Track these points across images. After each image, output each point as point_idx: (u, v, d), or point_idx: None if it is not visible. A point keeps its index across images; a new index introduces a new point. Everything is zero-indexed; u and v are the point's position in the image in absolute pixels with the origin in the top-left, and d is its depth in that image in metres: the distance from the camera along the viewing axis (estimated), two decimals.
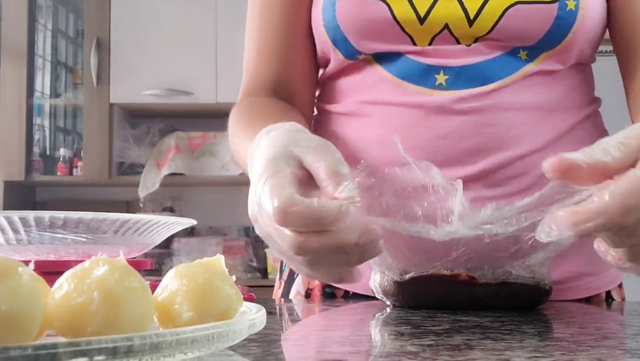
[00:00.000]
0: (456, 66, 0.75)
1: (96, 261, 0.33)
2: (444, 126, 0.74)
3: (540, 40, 0.74)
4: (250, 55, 0.89)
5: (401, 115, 0.76)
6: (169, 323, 0.37)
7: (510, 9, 0.74)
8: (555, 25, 0.74)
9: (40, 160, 2.83)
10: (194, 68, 2.76)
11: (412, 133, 0.75)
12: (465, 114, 0.74)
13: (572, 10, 0.74)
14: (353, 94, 0.81)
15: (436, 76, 0.75)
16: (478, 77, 0.75)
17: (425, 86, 0.76)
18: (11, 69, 2.76)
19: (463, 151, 0.74)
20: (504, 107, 0.74)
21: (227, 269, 0.40)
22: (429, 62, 0.76)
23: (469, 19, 0.75)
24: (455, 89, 0.75)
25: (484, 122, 0.74)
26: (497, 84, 0.75)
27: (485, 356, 0.40)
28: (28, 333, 0.30)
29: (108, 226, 0.56)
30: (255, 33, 0.87)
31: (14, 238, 0.54)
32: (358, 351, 0.45)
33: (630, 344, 0.46)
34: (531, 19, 0.74)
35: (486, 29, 0.74)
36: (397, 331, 0.52)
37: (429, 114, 0.75)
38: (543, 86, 0.76)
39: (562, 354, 0.42)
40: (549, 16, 0.73)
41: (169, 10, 2.78)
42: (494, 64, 0.75)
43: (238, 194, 3.03)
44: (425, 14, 0.75)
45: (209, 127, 2.86)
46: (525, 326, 0.54)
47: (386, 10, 0.75)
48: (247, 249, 2.82)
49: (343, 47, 0.78)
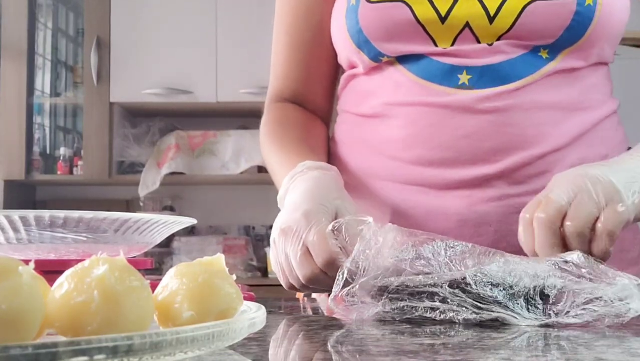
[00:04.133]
0: (479, 66, 0.76)
1: (96, 260, 0.33)
2: (468, 125, 0.76)
3: (560, 36, 0.75)
4: (277, 64, 0.93)
5: (426, 115, 0.77)
6: (169, 322, 0.37)
7: (529, 6, 0.75)
8: (575, 21, 0.74)
9: (41, 159, 2.83)
10: (194, 67, 2.76)
11: (436, 133, 0.77)
12: (488, 113, 0.75)
13: (590, 5, 0.74)
14: (378, 97, 0.82)
15: (459, 75, 0.77)
16: (501, 76, 0.76)
17: (449, 85, 0.77)
18: (11, 68, 2.76)
19: (487, 149, 0.75)
20: (527, 106, 0.75)
21: (227, 268, 0.40)
22: (452, 62, 0.77)
23: (489, 16, 0.76)
24: (479, 88, 0.76)
25: (507, 121, 0.75)
26: (519, 83, 0.76)
27: (485, 356, 0.40)
28: (28, 332, 0.30)
29: (108, 225, 0.56)
30: (283, 43, 0.92)
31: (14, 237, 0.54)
32: (358, 351, 0.45)
33: (630, 344, 0.46)
34: (550, 15, 0.75)
35: (506, 26, 0.75)
36: (397, 330, 0.53)
37: (453, 114, 0.76)
38: (564, 85, 0.77)
39: (562, 354, 0.42)
40: (567, 12, 0.74)
41: (169, 10, 2.78)
42: (516, 64, 0.76)
43: (238, 193, 3.04)
44: (446, 13, 0.77)
45: (209, 126, 2.86)
46: (525, 326, 0.54)
47: (408, 12, 0.77)
48: (247, 248, 2.82)
49: (367, 50, 0.80)
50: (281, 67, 0.93)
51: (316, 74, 0.92)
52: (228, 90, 2.75)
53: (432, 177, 0.77)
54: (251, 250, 2.83)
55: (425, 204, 0.78)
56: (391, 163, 0.80)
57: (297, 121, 0.90)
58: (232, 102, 2.77)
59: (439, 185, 0.77)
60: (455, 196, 0.76)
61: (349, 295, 0.58)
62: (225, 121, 2.96)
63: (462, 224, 0.76)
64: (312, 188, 0.71)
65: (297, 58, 0.91)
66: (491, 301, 0.55)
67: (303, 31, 0.90)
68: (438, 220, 0.77)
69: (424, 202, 0.78)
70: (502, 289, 0.55)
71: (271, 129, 0.90)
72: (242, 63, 2.75)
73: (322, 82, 0.92)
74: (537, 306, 0.55)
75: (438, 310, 0.56)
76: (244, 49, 2.76)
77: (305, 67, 0.91)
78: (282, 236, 0.66)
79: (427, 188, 0.78)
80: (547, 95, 0.76)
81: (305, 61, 0.91)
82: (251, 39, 2.76)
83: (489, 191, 0.76)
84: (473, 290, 0.55)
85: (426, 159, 0.77)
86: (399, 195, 0.80)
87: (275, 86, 0.94)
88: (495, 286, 0.55)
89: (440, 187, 0.77)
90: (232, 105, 2.81)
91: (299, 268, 0.64)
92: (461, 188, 0.76)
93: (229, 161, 2.75)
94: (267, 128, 0.91)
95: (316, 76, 0.92)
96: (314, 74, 0.91)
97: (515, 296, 0.55)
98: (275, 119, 0.91)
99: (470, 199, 0.76)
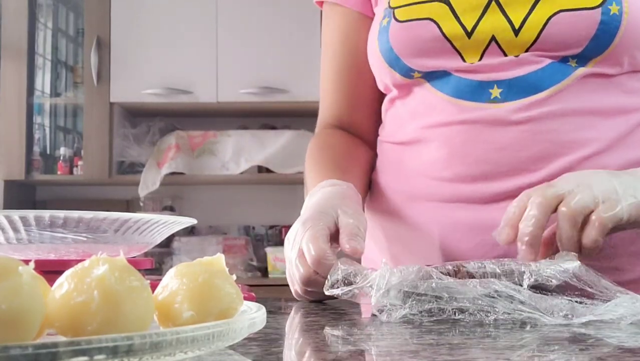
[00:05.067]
0: (507, 79, 0.77)
1: (96, 260, 0.33)
2: (503, 137, 0.76)
3: (586, 46, 0.75)
4: (324, 91, 0.97)
5: (461, 133, 0.78)
6: (169, 322, 0.37)
7: (554, 17, 0.75)
8: (600, 30, 0.74)
9: (41, 159, 2.83)
10: (194, 67, 2.76)
11: (472, 149, 0.78)
12: (522, 124, 0.76)
13: (616, 14, 0.74)
14: (411, 122, 0.84)
15: (490, 90, 0.77)
16: (530, 86, 0.76)
17: (481, 101, 0.78)
18: (11, 68, 2.76)
19: (525, 159, 0.76)
20: (560, 113, 0.76)
21: (227, 268, 0.40)
22: (481, 78, 0.78)
23: (514, 29, 0.76)
24: (511, 100, 0.76)
25: (541, 129, 0.75)
26: (550, 90, 0.76)
27: (485, 356, 0.40)
28: (28, 332, 0.30)
29: (108, 225, 0.56)
30: (328, 71, 0.95)
31: (14, 237, 0.54)
32: (359, 351, 0.45)
33: (630, 344, 0.46)
34: (575, 26, 0.75)
35: (532, 38, 0.76)
36: (397, 330, 0.53)
37: (487, 128, 0.77)
38: (598, 90, 0.77)
39: (562, 354, 0.42)
40: (593, 22, 0.74)
41: (169, 10, 2.78)
42: (544, 73, 0.76)
43: (238, 194, 3.04)
44: (472, 28, 0.78)
45: (209, 126, 2.86)
46: (525, 325, 0.54)
47: (435, 28, 0.79)
48: (248, 248, 2.82)
49: (398, 67, 0.82)
50: (328, 95, 0.95)
51: (361, 100, 0.93)
52: (228, 90, 2.75)
53: (474, 193, 0.78)
54: (251, 250, 2.83)
55: (470, 219, 0.78)
56: (432, 183, 0.81)
57: (338, 145, 0.92)
58: (232, 102, 2.78)
59: (482, 199, 0.78)
60: (501, 208, 0.75)
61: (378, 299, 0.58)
62: (225, 121, 2.96)
63: None
64: (317, 201, 0.75)
65: (342, 85, 0.93)
66: (521, 301, 0.55)
67: (346, 58, 0.92)
68: (484, 234, 0.77)
69: (468, 218, 0.78)
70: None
71: (311, 154, 0.92)
72: (242, 63, 2.75)
73: (368, 108, 0.93)
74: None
75: (467, 311, 0.56)
76: (244, 49, 2.76)
77: (351, 94, 0.93)
78: (287, 245, 0.70)
79: (470, 203, 0.78)
80: (581, 100, 0.76)
81: (350, 87, 0.93)
82: (251, 39, 2.76)
83: None
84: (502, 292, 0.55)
85: (466, 175, 0.78)
86: (443, 213, 0.80)
87: (323, 113, 0.96)
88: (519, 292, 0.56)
89: (484, 201, 0.78)
90: (232, 105, 2.81)
91: (296, 270, 0.67)
92: (506, 199, 0.75)
93: (229, 161, 2.75)
94: (309, 153, 0.93)
95: (361, 101, 0.93)
96: (359, 100, 0.93)
97: None
98: (318, 144, 0.93)
99: None
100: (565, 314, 0.54)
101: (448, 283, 0.57)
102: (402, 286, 0.58)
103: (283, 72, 2.74)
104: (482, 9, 0.78)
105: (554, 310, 0.55)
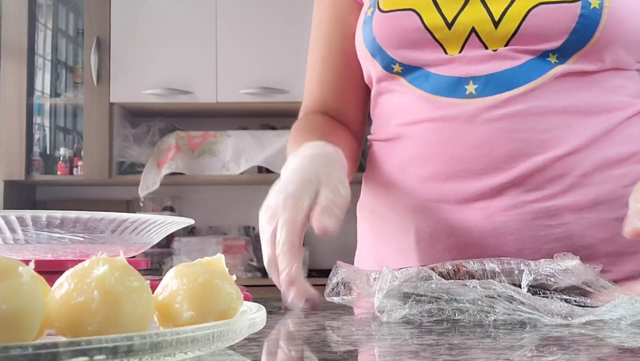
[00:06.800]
0: (484, 75, 0.77)
1: (96, 261, 0.33)
2: (477, 135, 0.76)
3: (566, 40, 0.75)
4: (311, 77, 0.95)
5: (437, 130, 0.78)
6: (169, 322, 0.37)
7: (533, 10, 0.75)
8: (580, 24, 0.74)
9: (41, 159, 2.83)
10: (194, 67, 2.76)
11: (448, 146, 0.77)
12: (496, 121, 0.75)
13: (596, 8, 0.74)
14: (392, 119, 0.84)
15: (466, 86, 0.77)
16: (506, 82, 0.76)
17: (457, 96, 0.78)
18: (11, 69, 2.76)
19: (497, 158, 0.75)
20: (536, 111, 0.75)
21: (227, 268, 0.40)
22: (458, 73, 0.78)
23: (494, 21, 0.77)
24: (485, 95, 0.76)
25: (516, 127, 0.75)
26: (525, 87, 0.75)
27: (485, 356, 0.40)
28: (28, 332, 0.30)
29: (105, 225, 0.56)
30: (318, 65, 0.94)
31: (11, 238, 0.54)
32: (358, 351, 0.45)
33: (630, 344, 0.46)
34: (555, 18, 0.75)
35: (511, 30, 0.76)
36: (397, 330, 0.53)
37: (462, 126, 0.77)
38: (577, 88, 0.76)
39: (562, 354, 0.42)
40: (572, 15, 0.74)
41: (169, 10, 2.78)
42: (521, 69, 0.76)
43: (238, 194, 3.04)
44: (452, 19, 0.78)
45: (209, 126, 2.86)
46: (525, 325, 0.54)
47: (417, 19, 0.79)
48: (248, 249, 2.82)
49: (380, 58, 0.82)
50: (315, 79, 0.94)
51: (349, 87, 0.92)
52: (228, 90, 2.75)
53: (450, 192, 0.77)
54: (251, 250, 2.83)
55: (446, 219, 0.78)
56: (411, 182, 0.81)
57: (322, 123, 0.90)
58: (232, 102, 2.77)
59: (457, 199, 0.77)
60: (474, 208, 0.76)
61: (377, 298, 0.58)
62: (225, 121, 2.96)
63: (482, 236, 0.76)
64: (301, 167, 0.70)
65: (330, 69, 0.92)
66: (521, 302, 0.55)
67: (336, 42, 0.91)
68: (460, 234, 0.77)
69: (444, 218, 0.78)
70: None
71: (293, 133, 0.90)
72: (242, 63, 2.75)
73: (355, 96, 0.93)
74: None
75: (467, 311, 0.56)
76: (244, 49, 2.76)
77: (338, 81, 0.92)
78: (263, 215, 0.68)
79: (446, 203, 0.78)
80: (559, 99, 0.75)
81: (338, 74, 0.92)
82: (251, 39, 2.76)
83: (505, 200, 0.75)
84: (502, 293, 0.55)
85: (442, 173, 0.78)
86: (421, 213, 0.80)
87: (308, 99, 0.95)
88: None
89: (459, 201, 0.77)
90: (232, 105, 2.81)
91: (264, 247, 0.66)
92: (478, 200, 0.76)
93: (229, 161, 2.75)
94: (291, 132, 0.91)
95: (349, 90, 0.92)
96: (347, 85, 0.92)
97: None
98: (300, 126, 0.91)
99: (488, 210, 0.76)
100: (564, 315, 0.54)
101: (448, 284, 0.57)
102: (402, 287, 0.58)
103: (283, 72, 2.74)
104: (464, 1, 0.78)
105: (554, 310, 0.55)
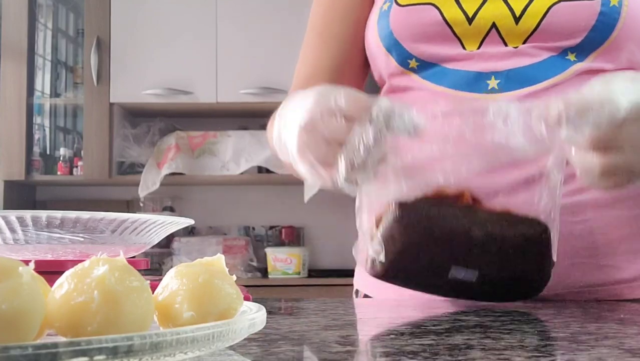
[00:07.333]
0: (506, 70, 0.77)
1: (96, 261, 0.33)
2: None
3: (586, 37, 0.75)
4: (307, 51, 0.92)
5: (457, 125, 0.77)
6: (169, 322, 0.37)
7: (554, 7, 0.76)
8: (600, 22, 0.75)
9: (41, 159, 2.83)
10: (194, 67, 2.76)
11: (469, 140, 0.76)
12: None
13: (615, 6, 0.75)
14: None
15: (487, 81, 0.77)
16: (528, 78, 0.76)
17: (479, 91, 0.77)
18: (11, 69, 2.76)
19: None
20: None
21: (227, 268, 0.40)
22: (478, 68, 0.77)
23: (514, 17, 0.77)
24: (508, 90, 0.76)
25: None
26: (547, 82, 0.76)
27: (486, 356, 0.40)
28: (28, 332, 0.30)
29: (105, 225, 0.56)
30: (316, 33, 0.91)
31: (11, 238, 0.54)
32: (358, 351, 0.45)
33: (630, 343, 0.46)
34: (575, 15, 0.75)
35: (532, 27, 0.76)
36: (397, 331, 0.53)
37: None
38: None
39: (562, 354, 0.42)
40: (592, 12, 0.75)
41: (168, 10, 2.78)
42: (542, 66, 0.76)
43: (238, 194, 3.04)
44: (473, 14, 0.78)
45: (209, 126, 2.86)
46: (525, 325, 0.54)
47: (437, 13, 0.78)
48: (248, 249, 2.82)
49: (396, 52, 0.81)
50: (311, 55, 0.91)
51: (345, 69, 0.90)
52: (228, 90, 2.75)
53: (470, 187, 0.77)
54: (251, 251, 2.83)
55: None
56: None
57: None
58: (232, 102, 2.77)
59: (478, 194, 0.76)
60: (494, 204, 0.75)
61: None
62: (225, 121, 2.96)
63: None
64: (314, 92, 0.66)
65: (328, 49, 0.90)
66: None
67: (338, 24, 0.89)
68: None
69: None
70: None
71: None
72: (242, 63, 2.75)
73: (351, 79, 0.90)
74: None
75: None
76: (244, 49, 2.76)
77: (335, 60, 0.90)
78: (281, 118, 0.65)
79: None
80: None
81: (336, 53, 0.90)
82: (251, 39, 2.76)
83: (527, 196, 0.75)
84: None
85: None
86: None
87: (301, 73, 0.92)
88: None
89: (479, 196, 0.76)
90: (232, 105, 2.81)
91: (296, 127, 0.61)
92: (499, 195, 0.74)
93: (229, 161, 2.75)
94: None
95: (345, 70, 0.90)
96: (343, 68, 0.90)
97: None
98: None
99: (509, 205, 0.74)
100: None
101: None
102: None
103: (283, 72, 2.73)
104: None
105: None
